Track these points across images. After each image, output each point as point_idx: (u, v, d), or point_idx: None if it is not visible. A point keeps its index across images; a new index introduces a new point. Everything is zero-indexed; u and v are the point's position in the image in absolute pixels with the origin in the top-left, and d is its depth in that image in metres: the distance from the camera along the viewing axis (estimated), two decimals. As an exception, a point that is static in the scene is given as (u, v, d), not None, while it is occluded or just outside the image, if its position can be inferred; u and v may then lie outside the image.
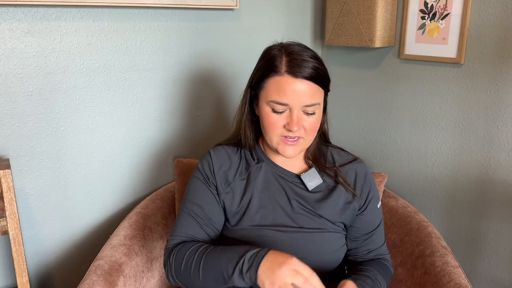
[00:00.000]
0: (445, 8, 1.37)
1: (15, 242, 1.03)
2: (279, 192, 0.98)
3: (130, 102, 1.36)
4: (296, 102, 0.88)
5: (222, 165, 1.00)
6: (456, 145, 1.44)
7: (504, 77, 1.29)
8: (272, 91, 0.89)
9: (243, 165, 1.01)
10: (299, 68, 0.87)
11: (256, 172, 1.00)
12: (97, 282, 1.04)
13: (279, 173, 1.00)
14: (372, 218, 1.03)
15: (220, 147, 1.04)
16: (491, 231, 1.39)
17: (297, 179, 1.00)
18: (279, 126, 0.90)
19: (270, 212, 0.97)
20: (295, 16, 1.70)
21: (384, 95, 1.61)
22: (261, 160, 1.01)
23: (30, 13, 1.14)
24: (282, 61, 0.89)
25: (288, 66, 0.88)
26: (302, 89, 0.87)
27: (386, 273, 1.02)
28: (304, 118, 0.90)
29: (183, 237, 0.96)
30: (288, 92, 0.87)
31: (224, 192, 0.98)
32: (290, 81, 0.87)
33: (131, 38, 1.32)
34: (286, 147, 0.92)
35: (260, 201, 0.97)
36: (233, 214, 0.98)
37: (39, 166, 1.23)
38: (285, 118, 0.90)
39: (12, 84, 1.15)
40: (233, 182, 0.99)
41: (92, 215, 1.36)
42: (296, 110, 0.89)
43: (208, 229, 0.97)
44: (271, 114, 0.91)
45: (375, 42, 1.48)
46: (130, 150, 1.39)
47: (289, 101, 0.88)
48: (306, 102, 0.88)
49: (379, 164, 1.68)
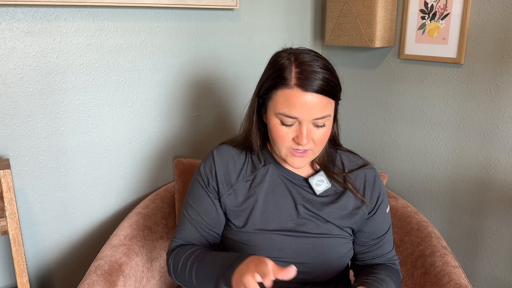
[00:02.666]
0: (445, 8, 1.37)
1: (15, 242, 1.03)
2: (285, 196, 0.97)
3: (130, 102, 1.36)
4: (306, 115, 0.85)
5: (225, 166, 0.98)
6: (456, 145, 1.44)
7: (504, 77, 1.29)
8: (281, 103, 0.86)
9: (249, 167, 0.99)
10: (309, 81, 0.83)
11: (263, 175, 0.98)
12: (97, 282, 1.04)
13: (287, 176, 0.98)
14: (381, 223, 1.01)
15: (225, 147, 1.01)
16: (491, 231, 1.39)
17: (304, 182, 0.98)
18: (288, 138, 0.88)
19: (275, 216, 0.95)
20: (295, 16, 1.70)
21: (384, 95, 1.61)
22: (268, 163, 0.99)
23: (30, 13, 1.14)
24: (292, 73, 0.85)
25: (298, 79, 0.84)
26: (313, 103, 0.84)
27: (396, 278, 0.99)
28: (313, 130, 0.87)
29: (181, 240, 0.99)
30: (298, 105, 0.84)
31: (226, 193, 0.97)
32: (299, 95, 0.84)
33: (131, 38, 1.32)
34: (295, 159, 0.90)
35: (265, 205, 0.96)
36: (236, 216, 0.96)
37: (39, 166, 1.23)
38: (294, 131, 0.87)
39: (12, 84, 1.15)
40: (236, 184, 0.97)
41: (92, 215, 1.36)
42: (306, 124, 0.86)
43: (206, 233, 0.98)
44: (279, 127, 0.88)
45: (375, 42, 1.48)
46: (130, 150, 1.39)
47: (298, 115, 0.85)
48: (317, 115, 0.85)
49: (379, 164, 1.68)
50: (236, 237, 0.96)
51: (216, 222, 0.98)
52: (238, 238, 0.96)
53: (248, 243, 0.95)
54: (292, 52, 0.89)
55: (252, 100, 0.96)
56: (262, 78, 0.93)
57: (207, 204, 0.98)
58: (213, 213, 0.98)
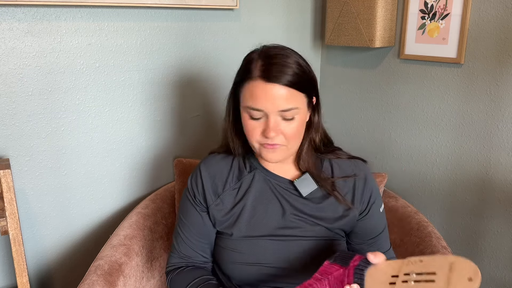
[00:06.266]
0: (445, 8, 1.37)
1: (15, 242, 1.03)
2: (272, 201, 0.96)
3: (130, 102, 1.36)
4: (270, 107, 0.84)
5: (212, 177, 0.98)
6: (456, 145, 1.44)
7: (504, 77, 1.29)
8: (247, 96, 0.86)
9: (234, 175, 0.99)
10: (271, 72, 0.83)
11: (249, 182, 0.97)
12: (97, 282, 1.04)
13: (273, 180, 0.97)
14: (375, 222, 0.99)
15: (211, 157, 1.02)
16: (491, 231, 1.39)
17: (290, 185, 0.96)
18: (257, 133, 0.88)
19: (262, 222, 0.95)
20: (295, 16, 1.70)
21: (384, 95, 1.61)
22: (253, 168, 0.98)
23: (30, 13, 1.14)
24: (257, 65, 0.85)
25: (261, 70, 0.84)
26: (277, 94, 0.83)
27: None
28: (282, 124, 0.86)
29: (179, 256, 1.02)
30: (261, 97, 0.84)
31: (214, 204, 0.97)
32: (262, 86, 0.84)
33: (131, 38, 1.32)
34: (268, 152, 0.89)
35: (252, 211, 0.95)
36: (225, 225, 0.96)
37: (39, 166, 1.23)
38: (263, 125, 0.87)
39: (12, 84, 1.15)
40: (223, 193, 0.97)
41: (92, 215, 1.36)
42: (272, 116, 0.85)
43: (199, 248, 1.00)
44: (248, 121, 0.88)
45: (375, 42, 1.48)
46: (130, 150, 1.39)
47: (263, 107, 0.84)
48: (282, 106, 0.84)
49: (379, 164, 1.68)
50: (226, 245, 0.97)
51: (206, 235, 1.00)
52: (228, 246, 0.97)
53: (237, 250, 0.95)
54: (263, 49, 0.90)
55: (228, 98, 0.97)
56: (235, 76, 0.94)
57: (196, 218, 0.99)
58: (201, 226, 0.99)
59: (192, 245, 1.00)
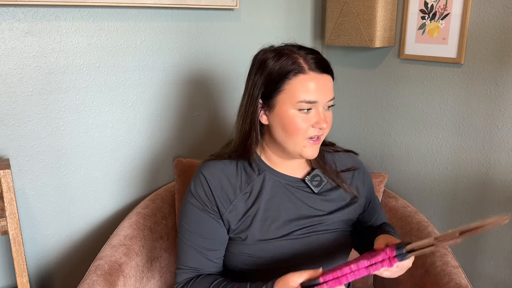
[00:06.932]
0: (445, 8, 1.37)
1: (15, 242, 1.03)
2: (286, 201, 0.96)
3: (130, 102, 1.36)
4: (324, 97, 0.88)
5: (219, 183, 0.94)
6: (456, 145, 1.44)
7: (504, 77, 1.29)
8: (299, 91, 0.86)
9: (243, 179, 0.96)
10: (320, 64, 0.87)
11: (259, 184, 0.96)
12: (97, 282, 1.04)
13: (283, 180, 0.97)
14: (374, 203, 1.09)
15: (212, 163, 0.97)
16: (491, 231, 1.39)
17: (301, 183, 0.98)
18: (306, 128, 0.88)
19: (278, 223, 0.94)
20: (295, 16, 1.70)
21: (384, 95, 1.61)
22: (262, 170, 0.96)
23: (30, 13, 1.14)
24: (302, 59, 0.87)
25: (313, 63, 0.87)
26: (329, 84, 0.89)
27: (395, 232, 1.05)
28: (326, 114, 0.90)
29: (191, 270, 0.95)
30: (317, 88, 0.86)
31: (228, 211, 0.94)
32: (316, 77, 0.87)
33: (131, 38, 1.32)
34: (313, 147, 0.90)
35: (265, 213, 0.94)
36: (239, 230, 0.94)
37: (39, 166, 1.23)
38: (311, 118, 0.88)
39: (12, 84, 1.15)
40: (235, 199, 0.94)
41: (92, 215, 1.36)
42: (321, 107, 0.88)
43: (214, 257, 0.95)
44: (297, 118, 0.87)
45: (375, 42, 1.48)
46: (130, 150, 1.39)
47: (318, 98, 0.87)
48: (331, 96, 0.89)
49: (379, 164, 1.68)
50: (240, 250, 0.94)
51: (220, 241, 0.95)
52: (242, 251, 0.94)
53: (253, 255, 0.93)
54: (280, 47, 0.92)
55: (248, 104, 0.92)
56: (258, 79, 0.90)
57: (211, 225, 0.94)
58: (219, 233, 0.95)
59: (206, 254, 0.94)
